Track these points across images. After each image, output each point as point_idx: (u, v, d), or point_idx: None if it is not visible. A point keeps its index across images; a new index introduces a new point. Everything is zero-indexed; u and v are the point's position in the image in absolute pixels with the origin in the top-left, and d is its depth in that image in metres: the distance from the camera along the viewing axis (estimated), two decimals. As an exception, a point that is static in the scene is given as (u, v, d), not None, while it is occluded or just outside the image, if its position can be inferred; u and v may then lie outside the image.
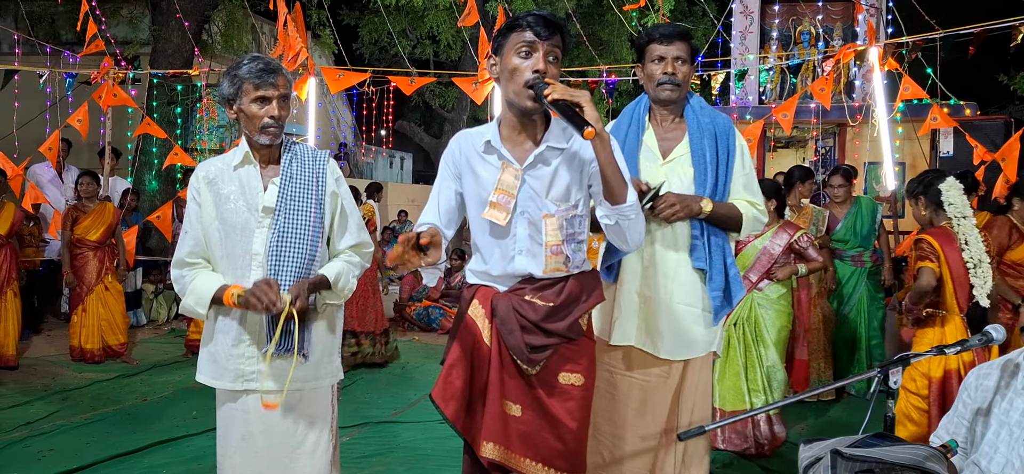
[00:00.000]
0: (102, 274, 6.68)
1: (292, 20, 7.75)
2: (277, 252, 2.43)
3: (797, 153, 12.58)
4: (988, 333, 2.28)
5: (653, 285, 2.68)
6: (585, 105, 2.05)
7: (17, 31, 10.82)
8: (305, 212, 2.48)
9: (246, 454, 2.53)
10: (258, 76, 2.42)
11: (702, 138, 2.71)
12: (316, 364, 2.55)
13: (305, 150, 2.57)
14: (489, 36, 8.06)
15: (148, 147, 9.85)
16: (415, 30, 15.51)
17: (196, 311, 2.49)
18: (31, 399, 5.37)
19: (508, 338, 2.26)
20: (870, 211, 5.86)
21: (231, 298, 2.39)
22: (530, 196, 2.26)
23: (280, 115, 2.46)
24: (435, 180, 2.44)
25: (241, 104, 2.46)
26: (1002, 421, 2.32)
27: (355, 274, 2.60)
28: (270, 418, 2.52)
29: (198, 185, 2.53)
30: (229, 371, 2.50)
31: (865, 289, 5.82)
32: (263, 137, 2.47)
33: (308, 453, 2.56)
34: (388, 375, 6.31)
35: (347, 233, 2.62)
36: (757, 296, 4.53)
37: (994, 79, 13.71)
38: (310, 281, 2.46)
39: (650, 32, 2.77)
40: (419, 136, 20.16)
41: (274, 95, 2.44)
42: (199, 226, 2.52)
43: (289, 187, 2.49)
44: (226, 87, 2.48)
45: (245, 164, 2.53)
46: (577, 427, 2.29)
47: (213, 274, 2.52)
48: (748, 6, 10.58)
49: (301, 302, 2.39)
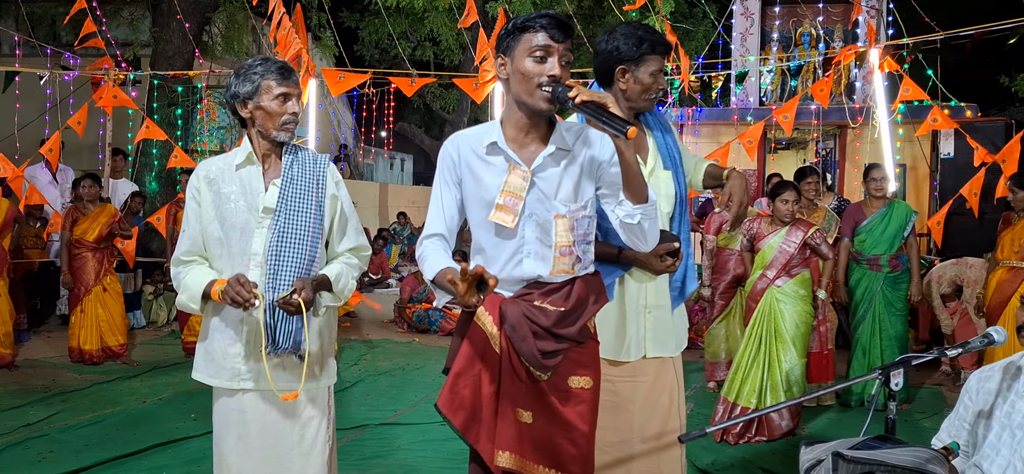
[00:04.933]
0: (100, 275, 6.68)
1: (292, 21, 7.76)
2: (277, 252, 2.45)
3: (798, 155, 12.59)
4: (990, 335, 2.27)
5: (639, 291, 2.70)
6: (611, 106, 2.03)
7: (18, 32, 10.83)
8: (305, 213, 2.50)
9: (242, 453, 2.54)
10: (280, 73, 2.50)
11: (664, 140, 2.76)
12: (313, 363, 2.56)
13: (306, 153, 2.60)
14: (488, 37, 8.06)
15: (148, 149, 9.85)
16: (415, 32, 15.53)
17: (190, 306, 2.51)
18: (31, 401, 5.36)
19: (520, 345, 2.22)
20: (902, 215, 5.54)
21: (216, 292, 2.42)
22: (539, 198, 2.23)
23: (297, 112, 2.54)
24: (433, 187, 2.40)
25: (260, 101, 2.49)
26: (1004, 424, 2.31)
27: (354, 276, 2.63)
28: (267, 418, 2.53)
29: (198, 184, 2.54)
30: (226, 369, 2.52)
31: (881, 296, 5.54)
32: (282, 133, 2.51)
33: (304, 453, 2.57)
34: (388, 378, 6.30)
35: (346, 236, 2.65)
36: (775, 292, 4.69)
37: (995, 81, 13.71)
38: (313, 279, 2.48)
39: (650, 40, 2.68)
40: (419, 138, 20.19)
41: (294, 92, 2.52)
42: (198, 225, 2.54)
43: (290, 188, 2.51)
44: (242, 86, 2.50)
45: (247, 164, 2.55)
46: (589, 430, 2.28)
47: (206, 269, 2.54)
48: (749, 8, 10.59)
49: (306, 294, 2.40)
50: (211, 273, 2.52)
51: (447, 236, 2.34)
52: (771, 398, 4.60)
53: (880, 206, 5.59)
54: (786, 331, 4.65)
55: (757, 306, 4.72)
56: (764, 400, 4.60)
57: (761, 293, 4.71)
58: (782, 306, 4.67)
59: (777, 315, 4.66)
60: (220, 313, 2.53)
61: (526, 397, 2.27)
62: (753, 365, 4.66)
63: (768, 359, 4.63)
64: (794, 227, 4.76)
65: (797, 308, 4.69)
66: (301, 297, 2.38)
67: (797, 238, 4.72)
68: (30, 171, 8.18)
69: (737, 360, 4.77)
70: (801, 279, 4.75)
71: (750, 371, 4.67)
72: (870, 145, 8.89)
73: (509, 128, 2.27)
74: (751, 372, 4.66)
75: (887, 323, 5.56)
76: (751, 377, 4.65)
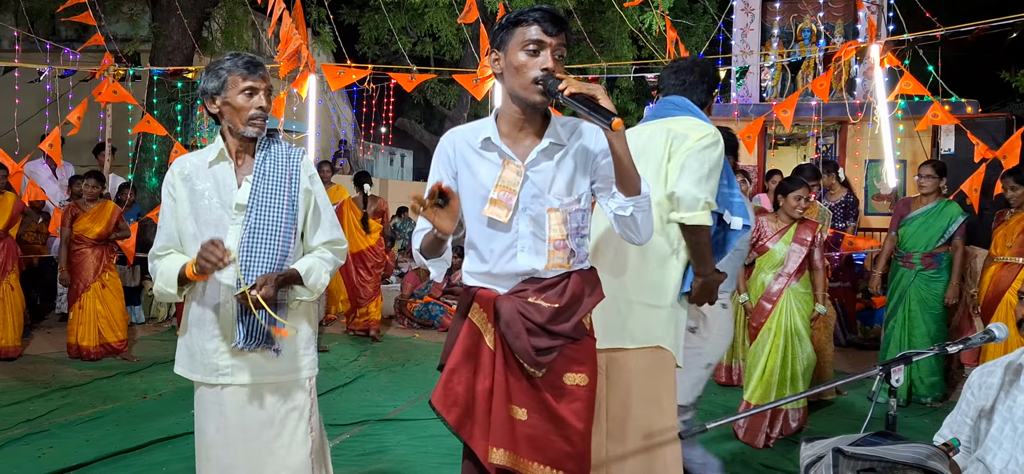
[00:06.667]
0: (99, 272, 6.67)
1: (291, 17, 7.74)
2: (249, 248, 2.45)
3: (798, 150, 12.59)
4: (991, 332, 2.27)
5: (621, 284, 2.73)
6: (600, 97, 2.02)
7: (17, 28, 10.81)
8: (277, 209, 2.50)
9: (222, 446, 2.56)
10: (246, 68, 2.48)
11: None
12: (292, 357, 2.57)
13: (279, 148, 2.59)
14: (489, 32, 8.04)
15: (148, 144, 9.85)
16: (415, 28, 15.50)
17: (167, 292, 2.51)
18: (31, 396, 5.36)
19: (514, 342, 2.22)
20: (947, 216, 5.45)
21: (191, 269, 2.42)
22: (533, 192, 2.23)
23: (265, 106, 2.51)
24: (429, 180, 2.39)
25: (227, 97, 2.49)
26: (1005, 418, 2.32)
27: (328, 270, 2.62)
28: (246, 411, 2.54)
29: (173, 181, 2.55)
30: (204, 365, 2.54)
31: (914, 293, 5.50)
32: (250, 129, 2.50)
33: (284, 446, 2.58)
34: (388, 373, 6.30)
35: (320, 229, 2.65)
36: (791, 290, 4.67)
37: (995, 76, 13.69)
38: (279, 274, 2.47)
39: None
40: (419, 133, 20.18)
41: (261, 86, 2.50)
42: (173, 221, 2.55)
43: (262, 184, 2.51)
44: (210, 82, 2.51)
45: (220, 161, 2.55)
46: (584, 427, 2.27)
47: (179, 255, 2.55)
48: (749, 4, 10.57)
49: (267, 290, 2.39)
50: (182, 258, 2.52)
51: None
52: (792, 393, 4.59)
53: (928, 202, 5.53)
54: (803, 327, 4.66)
55: (775, 306, 4.66)
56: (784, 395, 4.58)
57: (779, 294, 4.65)
58: (797, 304, 4.68)
59: (794, 313, 4.66)
60: (197, 308, 2.55)
61: (521, 394, 2.26)
62: (781, 366, 4.62)
63: (791, 356, 4.62)
64: (801, 226, 4.73)
65: (807, 306, 4.73)
66: (260, 293, 2.38)
67: (807, 237, 4.69)
68: (30, 167, 8.18)
69: (762, 364, 4.65)
70: (805, 278, 4.77)
71: (775, 373, 4.63)
72: (870, 141, 8.90)
73: (504, 123, 2.27)
74: (775, 373, 4.62)
75: (919, 322, 5.50)
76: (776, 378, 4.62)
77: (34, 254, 7.93)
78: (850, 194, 7.46)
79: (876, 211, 9.95)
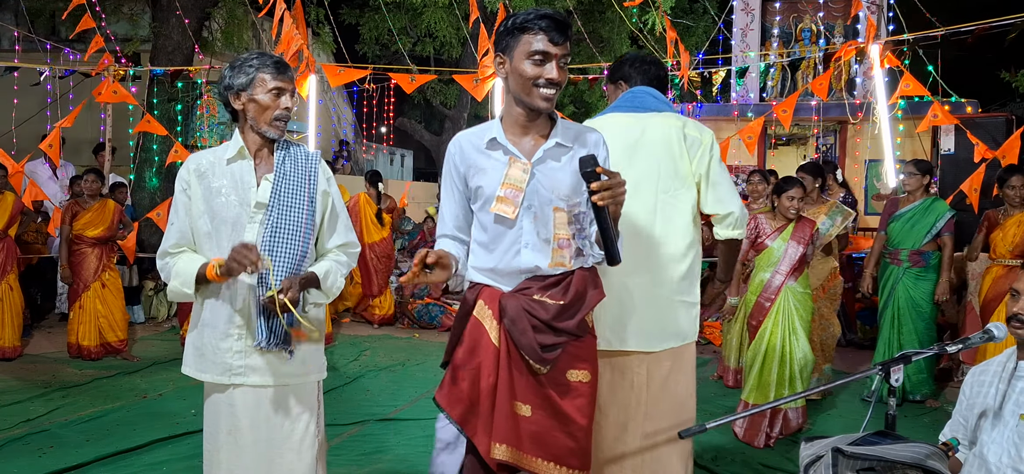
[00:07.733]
0: (99, 271, 6.68)
1: (292, 17, 7.75)
2: (270, 247, 2.44)
3: (798, 150, 12.58)
4: (990, 331, 2.28)
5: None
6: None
7: (17, 27, 10.81)
8: (297, 209, 2.50)
9: (233, 448, 2.55)
10: (275, 68, 2.48)
11: None
12: (303, 359, 2.57)
13: (298, 149, 2.60)
14: (489, 33, 8.06)
15: (148, 144, 9.84)
16: (415, 27, 15.49)
17: (182, 292, 2.49)
18: (31, 396, 5.37)
19: (520, 339, 2.24)
20: (934, 214, 5.47)
21: (214, 271, 2.40)
22: (538, 190, 2.26)
23: (291, 108, 2.52)
24: (441, 192, 2.44)
25: (254, 94, 2.47)
26: (997, 414, 2.35)
27: (343, 273, 2.62)
28: (257, 413, 2.53)
29: (188, 177, 2.53)
30: (216, 364, 2.52)
31: (903, 292, 5.52)
32: (272, 129, 2.50)
33: (295, 447, 2.58)
34: (388, 373, 6.30)
35: (336, 232, 2.65)
36: (789, 288, 4.68)
37: (995, 76, 13.68)
38: (301, 277, 2.47)
39: None
40: (420, 133, 20.17)
41: (288, 88, 2.50)
42: (186, 218, 2.54)
43: (283, 184, 2.50)
44: (237, 77, 2.48)
45: (239, 158, 2.53)
46: (587, 423, 2.30)
47: (195, 255, 2.53)
48: (749, 3, 10.57)
49: (293, 292, 2.40)
50: (199, 258, 2.50)
51: (457, 233, 2.39)
52: (789, 392, 4.59)
53: (915, 200, 5.56)
54: (801, 326, 4.66)
55: (773, 304, 4.67)
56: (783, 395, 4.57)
57: (778, 291, 4.67)
58: (795, 304, 4.69)
59: (793, 310, 4.67)
60: (211, 307, 2.53)
61: (526, 390, 2.28)
62: (779, 364, 4.63)
63: (790, 356, 4.62)
64: (799, 224, 4.76)
65: (806, 304, 4.74)
66: (287, 296, 2.37)
67: (805, 235, 4.73)
68: (30, 166, 8.18)
69: (760, 363, 4.66)
70: (804, 276, 4.80)
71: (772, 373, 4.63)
72: (870, 141, 8.89)
73: (509, 124, 2.30)
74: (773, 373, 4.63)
75: (908, 320, 5.51)
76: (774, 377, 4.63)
77: (34, 254, 7.93)
78: (848, 194, 7.46)
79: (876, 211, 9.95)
